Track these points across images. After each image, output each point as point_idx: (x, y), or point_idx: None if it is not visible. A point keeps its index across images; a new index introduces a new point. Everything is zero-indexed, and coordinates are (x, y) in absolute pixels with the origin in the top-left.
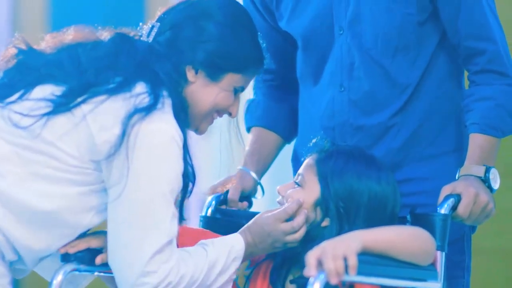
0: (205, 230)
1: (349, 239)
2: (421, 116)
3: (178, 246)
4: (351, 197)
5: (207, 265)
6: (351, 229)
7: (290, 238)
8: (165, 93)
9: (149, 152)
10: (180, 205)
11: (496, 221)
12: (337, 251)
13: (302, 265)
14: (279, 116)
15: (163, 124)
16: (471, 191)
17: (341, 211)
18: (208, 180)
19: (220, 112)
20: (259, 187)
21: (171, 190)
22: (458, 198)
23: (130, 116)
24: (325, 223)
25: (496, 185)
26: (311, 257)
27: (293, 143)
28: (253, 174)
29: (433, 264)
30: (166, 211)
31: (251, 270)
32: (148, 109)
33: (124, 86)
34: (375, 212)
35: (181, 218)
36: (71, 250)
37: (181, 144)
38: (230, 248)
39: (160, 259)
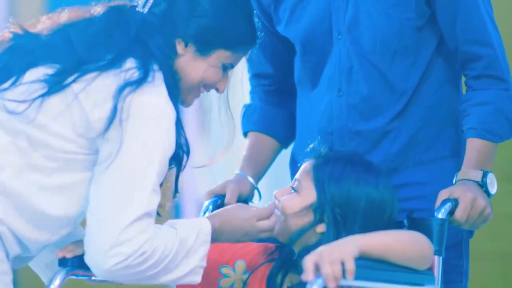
0: None
1: (346, 244)
2: (419, 121)
3: None
4: (348, 203)
5: (177, 241)
6: (348, 234)
7: (264, 235)
8: (155, 67)
9: (140, 124)
10: (176, 178)
11: (493, 225)
12: (334, 256)
13: (299, 270)
14: (276, 121)
15: (154, 97)
16: (468, 196)
17: (338, 217)
18: (198, 158)
19: (207, 87)
20: (256, 192)
21: (159, 162)
22: (455, 202)
23: (121, 89)
24: (321, 228)
25: (493, 190)
26: (308, 261)
27: (291, 147)
28: (250, 179)
29: (430, 269)
30: (149, 183)
31: (248, 274)
32: (138, 83)
33: (114, 63)
34: (372, 217)
35: (176, 191)
36: (69, 255)
37: (172, 116)
38: (199, 230)
39: (137, 228)
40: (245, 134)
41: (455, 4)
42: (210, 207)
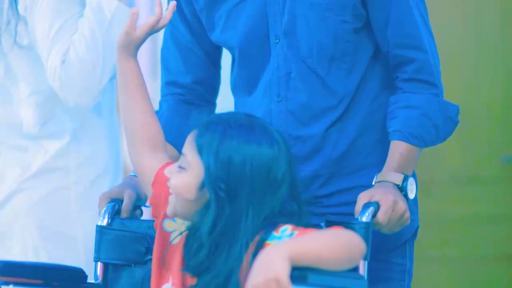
0: None
1: (276, 260)
2: (359, 126)
3: None
4: (230, 173)
5: None
6: (234, 209)
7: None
8: None
9: None
10: None
11: (443, 230)
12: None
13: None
14: (181, 132)
15: None
16: (389, 199)
17: (221, 193)
18: None
19: None
20: None
21: None
22: (377, 206)
23: None
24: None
25: (411, 194)
26: None
27: None
28: None
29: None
30: None
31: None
32: None
33: None
34: (259, 181)
35: None
36: None
37: None
38: None
39: None
40: None
41: (386, 7)
42: (109, 210)
